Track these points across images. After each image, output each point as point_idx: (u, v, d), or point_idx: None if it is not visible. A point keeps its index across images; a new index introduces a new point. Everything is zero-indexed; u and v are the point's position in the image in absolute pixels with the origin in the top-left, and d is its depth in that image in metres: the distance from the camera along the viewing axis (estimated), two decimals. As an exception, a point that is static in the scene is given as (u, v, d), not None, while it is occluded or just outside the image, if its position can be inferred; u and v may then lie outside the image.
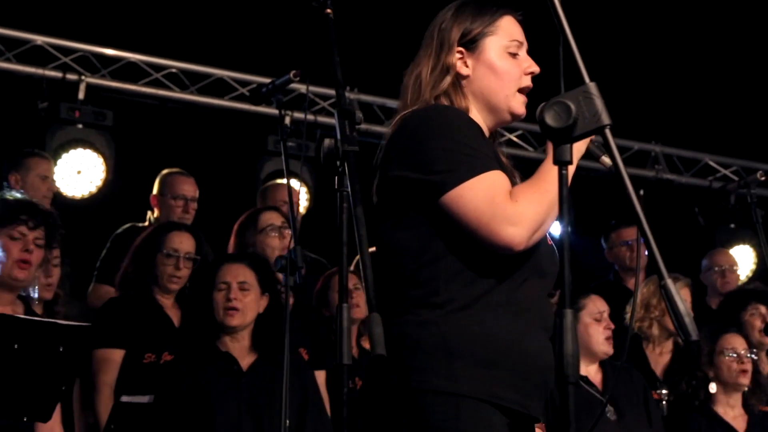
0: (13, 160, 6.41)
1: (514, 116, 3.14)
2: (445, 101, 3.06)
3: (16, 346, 4.17)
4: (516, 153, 9.13)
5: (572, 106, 2.11)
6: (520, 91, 3.12)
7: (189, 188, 6.55)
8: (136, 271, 5.47)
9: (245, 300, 5.01)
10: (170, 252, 5.46)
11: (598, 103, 2.12)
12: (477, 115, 3.09)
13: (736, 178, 9.54)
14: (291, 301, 4.41)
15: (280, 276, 4.67)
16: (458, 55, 3.09)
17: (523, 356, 2.87)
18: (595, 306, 5.70)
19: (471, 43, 3.10)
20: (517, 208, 2.80)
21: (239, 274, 5.05)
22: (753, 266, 9.27)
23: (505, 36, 3.12)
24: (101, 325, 5.30)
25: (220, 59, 8.32)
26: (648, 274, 6.56)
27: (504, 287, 2.88)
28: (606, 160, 2.96)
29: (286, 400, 4.32)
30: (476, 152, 2.88)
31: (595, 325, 5.64)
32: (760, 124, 9.51)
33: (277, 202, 6.68)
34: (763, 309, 6.66)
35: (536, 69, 3.13)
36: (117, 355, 5.28)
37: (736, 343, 6.04)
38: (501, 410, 2.82)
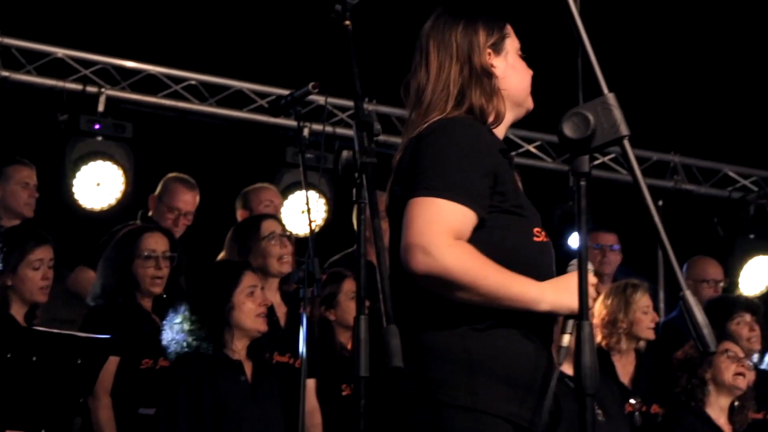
0: None
1: (528, 112, 3.26)
2: (491, 111, 3.07)
3: (34, 359, 4.18)
4: (535, 164, 9.12)
5: (591, 117, 2.11)
6: None
7: (186, 200, 6.56)
8: (118, 280, 5.44)
9: (266, 306, 5.08)
10: (149, 254, 5.45)
11: (617, 113, 2.12)
12: (507, 115, 3.13)
13: (755, 189, 9.50)
14: (307, 311, 4.41)
15: None
16: (488, 57, 3.12)
17: (538, 375, 2.90)
18: None
19: (496, 45, 3.16)
20: (443, 245, 2.78)
21: (257, 280, 5.10)
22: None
23: (515, 39, 3.22)
24: (91, 333, 5.29)
25: (239, 71, 8.34)
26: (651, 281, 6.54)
27: (525, 314, 2.90)
28: (565, 338, 2.90)
29: (303, 409, 4.32)
30: (464, 180, 2.87)
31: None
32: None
33: (260, 206, 6.68)
34: (748, 317, 6.65)
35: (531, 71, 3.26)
36: (112, 362, 5.21)
37: (735, 348, 6.06)
38: (515, 427, 2.86)
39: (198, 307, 4.97)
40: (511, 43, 3.20)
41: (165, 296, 5.55)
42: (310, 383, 5.48)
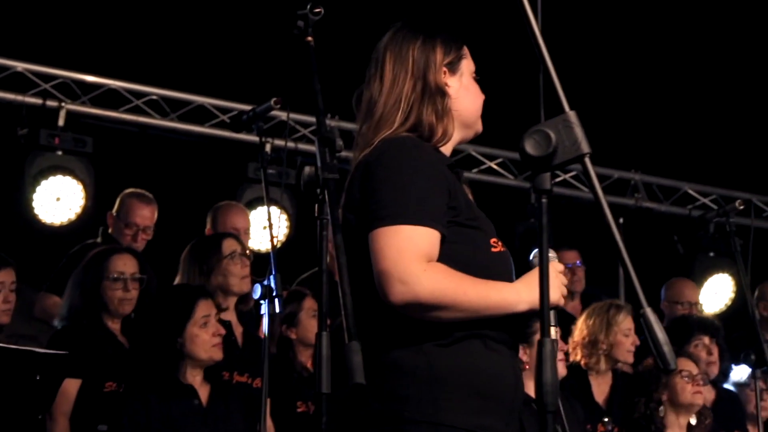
0: None
1: (476, 135, 3.25)
2: (432, 119, 3.06)
3: (-7, 374, 4.14)
4: (496, 181, 9.15)
5: (552, 135, 2.11)
6: None
7: (144, 215, 6.51)
8: (85, 301, 5.40)
9: (222, 334, 5.05)
10: (117, 276, 5.41)
11: (578, 131, 2.13)
12: (455, 135, 3.13)
13: (715, 207, 9.55)
14: (257, 329, 4.39)
15: None
16: (443, 76, 3.12)
17: (505, 387, 2.91)
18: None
19: (452, 65, 3.15)
20: (418, 272, 2.78)
21: (212, 307, 5.06)
22: (732, 295, 9.28)
23: (471, 61, 3.22)
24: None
25: (201, 86, 8.31)
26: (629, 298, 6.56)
27: (488, 321, 2.90)
28: (552, 331, 2.93)
29: (264, 428, 4.30)
30: (421, 202, 2.86)
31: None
32: (739, 153, 9.56)
33: (228, 225, 6.65)
34: (707, 340, 6.67)
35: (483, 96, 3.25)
36: (73, 385, 5.17)
37: (689, 366, 6.07)
38: None
39: (150, 335, 4.96)
40: (467, 65, 3.19)
41: (134, 316, 5.51)
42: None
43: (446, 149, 3.13)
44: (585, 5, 8.50)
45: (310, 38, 3.13)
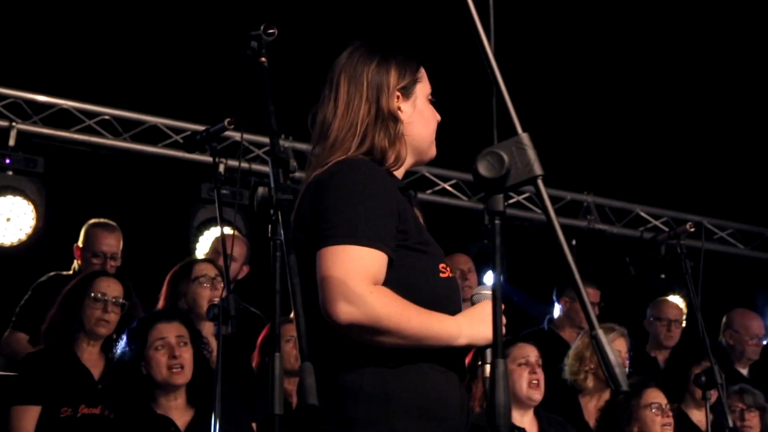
0: None
1: (430, 160, 3.24)
2: (391, 154, 3.06)
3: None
4: (450, 202, 9.18)
5: (505, 157, 2.12)
6: None
7: (109, 243, 6.46)
8: (62, 318, 5.38)
9: (186, 356, 4.97)
10: (97, 296, 5.39)
11: (531, 153, 2.13)
12: (408, 159, 3.13)
13: (666, 229, 9.62)
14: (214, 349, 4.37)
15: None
16: (396, 100, 3.11)
17: (452, 409, 2.91)
18: (520, 352, 5.68)
19: (406, 89, 3.14)
20: (366, 293, 2.77)
21: (175, 329, 5.01)
22: (683, 317, 9.34)
23: (427, 84, 3.21)
24: (20, 382, 5.23)
25: (154, 106, 8.28)
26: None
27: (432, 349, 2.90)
28: (486, 368, 2.94)
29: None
30: (370, 225, 2.85)
31: (519, 371, 5.61)
32: (690, 176, 9.65)
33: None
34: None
35: (439, 117, 3.23)
36: (33, 411, 5.14)
37: (658, 397, 6.08)
38: None
39: (121, 369, 4.94)
40: (422, 88, 3.18)
41: (115, 337, 5.48)
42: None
43: (399, 172, 3.13)
44: (538, 28, 8.56)
45: (263, 59, 3.13)
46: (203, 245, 7.82)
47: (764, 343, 8.00)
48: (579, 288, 2.09)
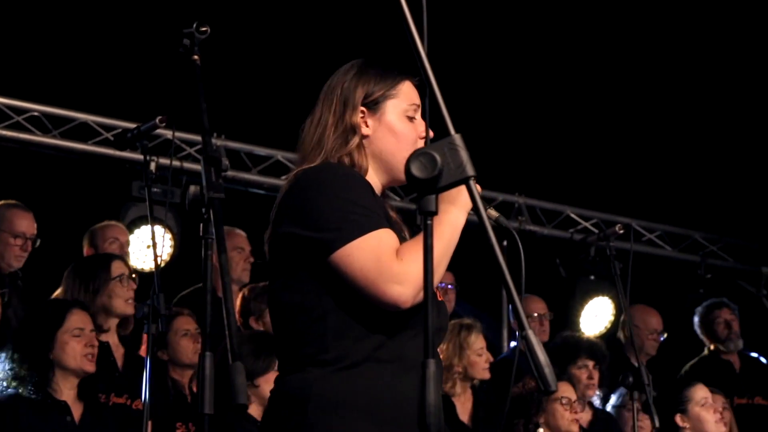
0: None
1: (402, 183, 3.18)
2: (347, 160, 3.06)
3: None
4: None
5: (438, 157, 2.13)
6: None
7: (29, 224, 6.32)
8: None
9: (96, 347, 4.97)
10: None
11: (463, 154, 2.14)
12: (373, 174, 3.12)
13: (596, 231, 9.72)
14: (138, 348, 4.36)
15: None
16: (360, 115, 3.11)
17: (409, 414, 2.87)
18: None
19: (373, 105, 3.12)
20: (402, 267, 2.81)
21: (88, 320, 5.01)
22: (611, 317, 9.43)
23: (404, 100, 3.16)
24: None
25: (84, 103, 8.20)
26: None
27: (394, 343, 2.91)
28: (492, 212, 3.00)
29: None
30: (366, 210, 2.89)
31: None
32: (620, 178, 9.75)
33: (105, 243, 6.57)
34: (591, 364, 6.80)
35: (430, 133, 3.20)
36: None
37: (568, 391, 6.16)
38: None
39: (21, 347, 4.88)
40: (395, 104, 3.14)
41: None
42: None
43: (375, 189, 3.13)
44: (470, 29, 8.61)
45: (196, 57, 3.12)
46: (134, 243, 7.75)
47: (662, 339, 8.13)
48: (510, 289, 2.11)
